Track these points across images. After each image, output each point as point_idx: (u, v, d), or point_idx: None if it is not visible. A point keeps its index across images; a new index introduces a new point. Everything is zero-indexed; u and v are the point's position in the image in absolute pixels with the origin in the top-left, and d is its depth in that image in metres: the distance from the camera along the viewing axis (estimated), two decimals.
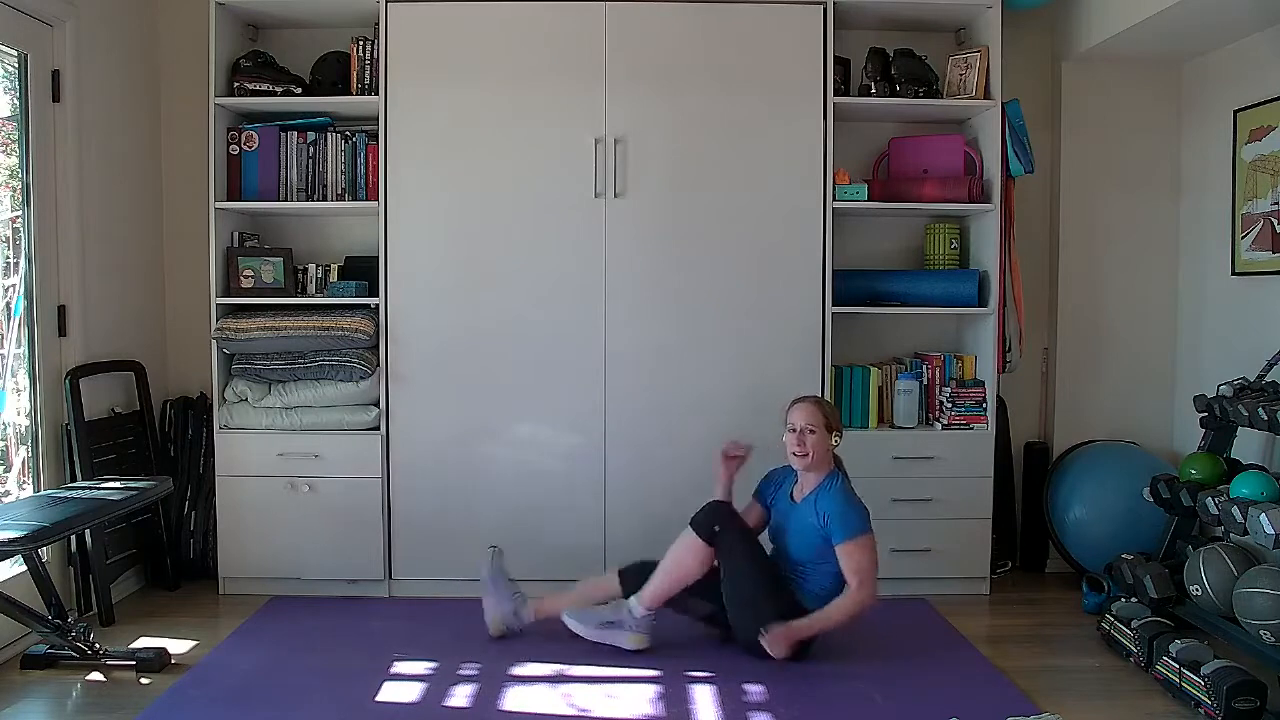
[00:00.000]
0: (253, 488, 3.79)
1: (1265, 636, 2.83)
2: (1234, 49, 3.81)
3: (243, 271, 3.85)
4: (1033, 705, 2.86)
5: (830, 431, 3.18)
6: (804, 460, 3.17)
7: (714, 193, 3.80)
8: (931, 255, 4.08)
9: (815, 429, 3.16)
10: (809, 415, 3.17)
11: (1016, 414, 4.26)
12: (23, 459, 3.47)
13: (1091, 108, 4.20)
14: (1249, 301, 3.75)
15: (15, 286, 3.44)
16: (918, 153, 4.04)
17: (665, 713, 2.82)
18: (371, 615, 3.66)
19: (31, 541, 2.68)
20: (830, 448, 3.19)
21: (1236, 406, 3.24)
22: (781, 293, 3.82)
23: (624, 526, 3.79)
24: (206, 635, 3.40)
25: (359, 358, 3.77)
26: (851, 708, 2.87)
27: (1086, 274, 4.24)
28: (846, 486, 3.18)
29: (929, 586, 3.89)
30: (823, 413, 3.19)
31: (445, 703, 2.89)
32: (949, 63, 3.96)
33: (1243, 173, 3.71)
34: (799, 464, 3.20)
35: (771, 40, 3.78)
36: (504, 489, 3.81)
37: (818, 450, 3.16)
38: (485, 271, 3.79)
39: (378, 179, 3.80)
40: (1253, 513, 2.84)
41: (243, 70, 3.83)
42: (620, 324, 3.80)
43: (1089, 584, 3.77)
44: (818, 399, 3.29)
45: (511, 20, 3.76)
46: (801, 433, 3.17)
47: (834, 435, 3.20)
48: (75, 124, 3.54)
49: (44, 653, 3.10)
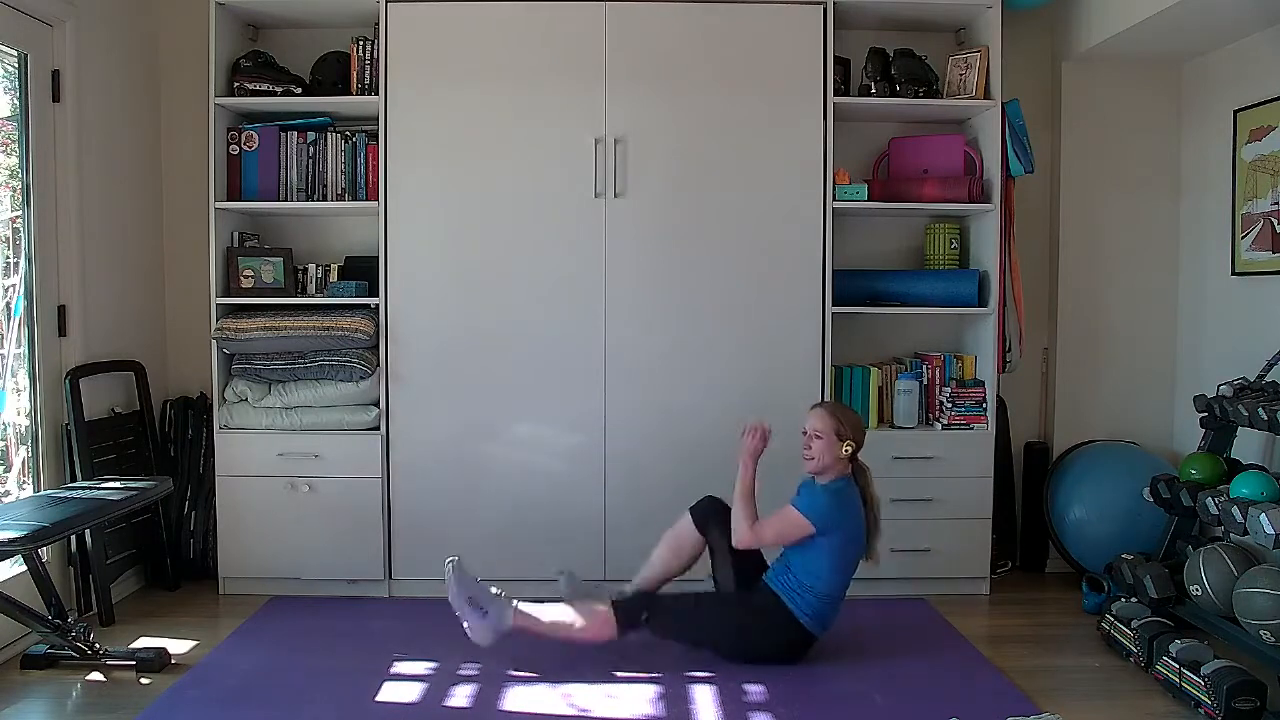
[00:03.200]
0: (253, 488, 3.79)
1: (1265, 636, 2.83)
2: (1234, 49, 3.81)
3: (243, 271, 3.85)
4: (1033, 705, 2.86)
5: (841, 440, 3.14)
6: (809, 464, 3.18)
7: (714, 193, 3.80)
8: (931, 255, 4.08)
9: (822, 435, 3.14)
10: (817, 421, 3.17)
11: (1016, 414, 4.26)
12: (23, 459, 3.47)
13: (1091, 108, 4.20)
14: (1249, 301, 3.75)
15: (15, 286, 3.44)
16: (918, 153, 4.04)
17: (665, 713, 2.82)
18: (371, 615, 3.66)
19: (31, 541, 2.68)
20: (840, 456, 3.14)
21: (1236, 406, 3.24)
22: (781, 292, 3.82)
23: (624, 526, 3.79)
24: (206, 635, 3.40)
25: (359, 358, 3.77)
26: (851, 708, 2.87)
27: (1086, 274, 4.24)
28: (845, 494, 3.14)
29: (929, 586, 3.89)
30: (834, 420, 3.15)
31: (445, 703, 2.89)
32: (949, 63, 3.96)
33: (1243, 173, 3.71)
34: (806, 467, 3.20)
35: (771, 40, 3.78)
36: (504, 489, 3.81)
37: (823, 456, 3.14)
38: (485, 271, 3.79)
39: (378, 179, 3.80)
40: (1253, 513, 2.84)
41: (243, 70, 3.83)
42: (620, 324, 3.80)
43: (1089, 584, 3.77)
44: (833, 406, 3.26)
45: (511, 20, 3.76)
46: (809, 437, 3.17)
47: (845, 444, 3.14)
48: (75, 124, 3.54)
49: (44, 653, 3.10)
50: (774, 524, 3.13)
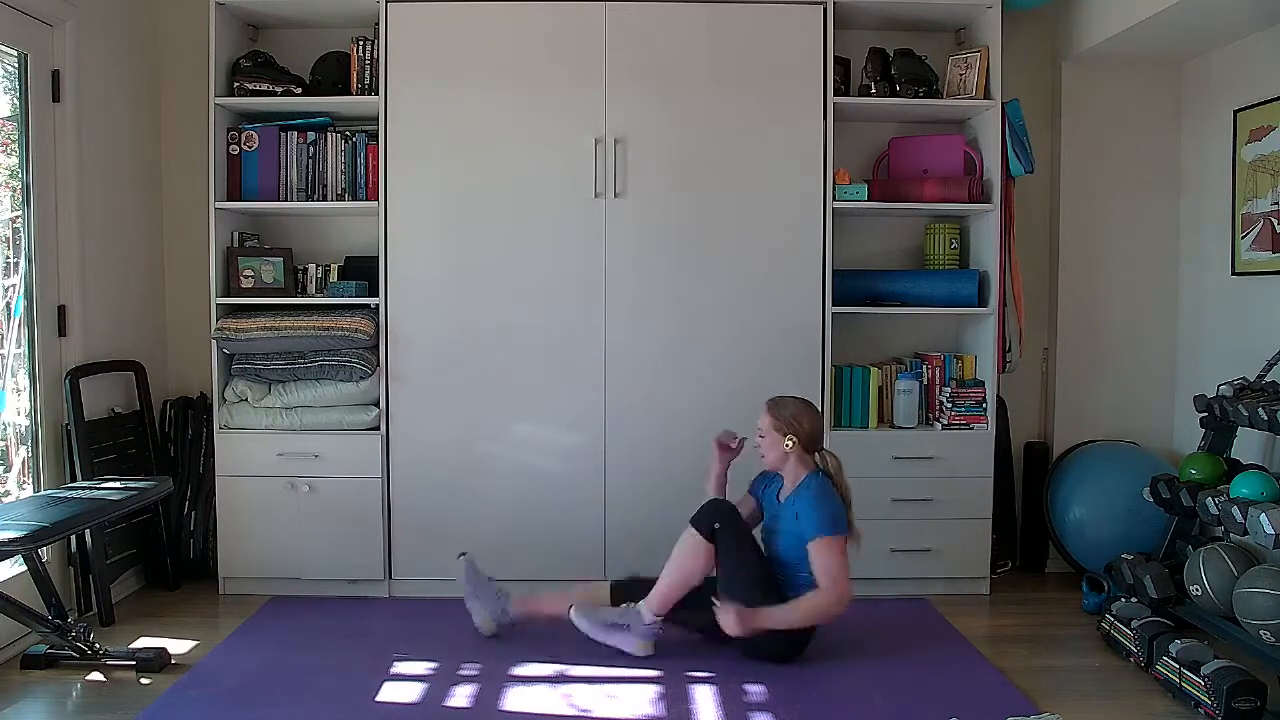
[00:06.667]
0: (253, 488, 3.79)
1: (1265, 636, 2.83)
2: (1234, 49, 3.81)
3: (243, 271, 3.85)
4: (1033, 705, 2.86)
5: (782, 434, 3.16)
6: (764, 461, 3.23)
7: (714, 193, 3.80)
8: (931, 255, 4.08)
9: (764, 433, 3.20)
10: (761, 419, 3.22)
11: (1016, 414, 4.26)
12: (23, 459, 3.48)
13: (1091, 108, 4.20)
14: (1249, 301, 3.75)
15: (15, 286, 3.44)
16: (918, 153, 4.04)
17: (666, 713, 2.82)
18: (371, 615, 3.66)
19: (31, 541, 2.68)
20: (785, 450, 3.16)
21: (1236, 406, 3.24)
22: (781, 293, 3.82)
23: (624, 526, 3.79)
24: (206, 635, 3.40)
25: (359, 358, 3.77)
26: (851, 708, 2.87)
27: (1086, 274, 4.24)
28: (823, 487, 3.13)
29: (929, 586, 3.89)
30: (771, 415, 3.19)
31: (445, 703, 2.89)
32: (949, 63, 3.96)
33: (1243, 173, 3.71)
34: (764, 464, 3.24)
35: (771, 40, 3.78)
36: (504, 489, 3.81)
37: (770, 454, 3.19)
38: (485, 271, 3.79)
39: (378, 179, 3.80)
40: (1253, 513, 2.84)
41: (243, 70, 3.83)
42: (620, 324, 3.80)
43: (1089, 584, 3.77)
44: (773, 401, 3.24)
45: (511, 20, 3.76)
46: (758, 435, 3.23)
47: (786, 438, 3.15)
48: (75, 124, 3.54)
49: (44, 653, 3.10)
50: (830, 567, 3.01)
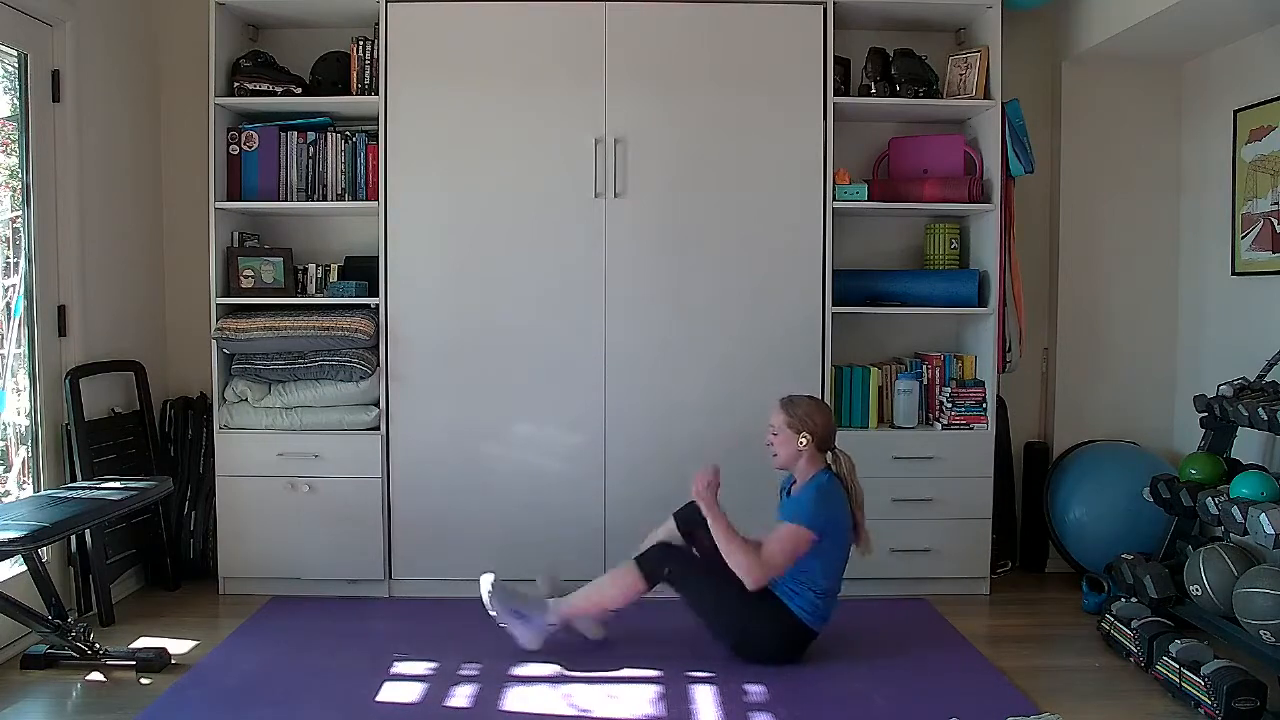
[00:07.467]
0: (253, 488, 3.79)
1: (1265, 636, 2.83)
2: (1234, 49, 3.81)
3: (243, 271, 3.85)
4: (1033, 705, 2.86)
5: (795, 432, 3.16)
6: (774, 461, 3.22)
7: (714, 193, 3.80)
8: (931, 255, 4.08)
9: (777, 430, 3.19)
10: (773, 416, 3.21)
11: (1016, 414, 4.26)
12: (23, 459, 3.47)
13: (1091, 108, 4.20)
14: (1249, 301, 3.75)
15: (15, 286, 3.44)
16: (918, 153, 4.04)
17: (666, 713, 2.82)
18: (371, 615, 3.66)
19: (31, 541, 2.68)
20: (799, 448, 3.15)
21: (1236, 406, 3.24)
22: (781, 293, 3.82)
23: (624, 526, 3.78)
24: (206, 635, 3.40)
25: (359, 358, 3.77)
26: (851, 708, 2.87)
27: (1087, 274, 4.24)
28: (828, 487, 3.12)
29: (929, 586, 3.89)
30: (784, 413, 3.19)
31: (445, 703, 2.89)
32: (949, 63, 3.96)
33: (1243, 172, 3.71)
34: (773, 464, 3.23)
35: (771, 40, 3.78)
36: (504, 489, 3.81)
37: (782, 452, 3.18)
38: (485, 271, 3.79)
39: (378, 179, 3.80)
40: (1253, 513, 2.84)
41: (243, 70, 3.83)
42: (620, 324, 3.80)
43: (1089, 584, 3.77)
44: (786, 399, 3.24)
45: (511, 20, 3.76)
46: (769, 434, 3.22)
47: (800, 435, 3.15)
48: (75, 124, 3.54)
49: (44, 653, 3.10)
50: (780, 548, 3.05)
